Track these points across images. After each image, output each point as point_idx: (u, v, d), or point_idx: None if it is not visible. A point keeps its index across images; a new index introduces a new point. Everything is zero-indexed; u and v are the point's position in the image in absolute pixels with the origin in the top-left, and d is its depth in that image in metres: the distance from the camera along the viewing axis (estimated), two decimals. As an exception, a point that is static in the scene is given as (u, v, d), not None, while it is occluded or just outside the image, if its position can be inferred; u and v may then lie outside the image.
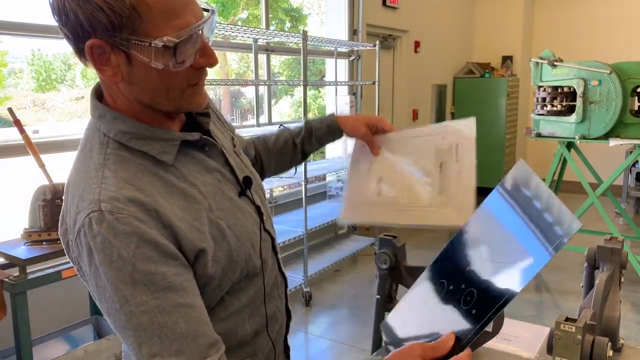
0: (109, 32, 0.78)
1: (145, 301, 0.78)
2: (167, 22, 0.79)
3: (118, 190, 0.80)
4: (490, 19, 7.73)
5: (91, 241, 0.78)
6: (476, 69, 7.39)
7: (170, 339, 0.78)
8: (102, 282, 0.79)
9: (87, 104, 0.93)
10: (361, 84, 5.04)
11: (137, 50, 0.79)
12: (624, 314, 1.32)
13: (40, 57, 4.10)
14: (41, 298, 2.74)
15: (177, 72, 0.83)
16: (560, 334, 0.97)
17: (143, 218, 0.79)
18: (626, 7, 7.10)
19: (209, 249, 0.86)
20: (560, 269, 4.54)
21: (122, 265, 0.77)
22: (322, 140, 1.34)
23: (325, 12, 5.49)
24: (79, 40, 0.80)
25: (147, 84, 0.83)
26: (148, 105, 0.86)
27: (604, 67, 3.69)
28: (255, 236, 0.98)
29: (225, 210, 0.92)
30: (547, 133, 3.98)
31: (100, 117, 0.87)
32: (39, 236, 2.40)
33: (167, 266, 0.80)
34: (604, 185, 3.87)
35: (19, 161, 2.73)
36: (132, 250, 0.77)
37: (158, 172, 0.86)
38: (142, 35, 0.78)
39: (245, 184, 0.99)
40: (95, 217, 0.78)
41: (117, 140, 0.86)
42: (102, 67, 0.82)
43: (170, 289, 0.79)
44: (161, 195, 0.83)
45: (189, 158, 0.91)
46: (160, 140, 0.87)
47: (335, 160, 4.93)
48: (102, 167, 0.83)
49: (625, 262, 1.30)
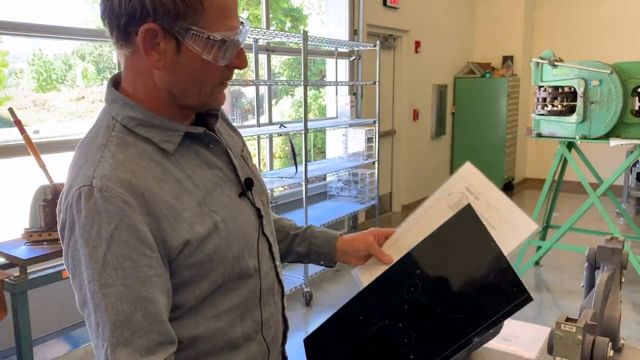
0: (170, 19, 0.82)
1: (110, 284, 0.80)
2: (222, 20, 0.85)
3: (112, 170, 0.82)
4: (490, 19, 7.73)
5: (76, 215, 0.81)
6: (477, 69, 7.39)
7: (124, 327, 0.80)
8: (77, 256, 0.82)
9: (87, 105, 0.94)
10: (362, 84, 5.04)
11: (193, 41, 0.83)
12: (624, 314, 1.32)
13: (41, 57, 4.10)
14: (42, 298, 2.74)
15: (215, 68, 0.87)
16: (560, 334, 0.97)
17: (130, 201, 0.81)
18: (627, 7, 7.10)
19: (195, 240, 0.87)
20: (561, 269, 4.54)
21: (98, 244, 0.80)
22: (313, 247, 1.23)
23: (326, 12, 5.49)
24: (132, 22, 0.82)
25: (187, 74, 0.87)
26: (177, 95, 0.90)
27: (604, 67, 3.68)
28: (251, 236, 0.98)
29: (221, 205, 0.93)
30: (547, 133, 3.98)
31: (113, 101, 0.91)
32: (40, 236, 2.40)
33: (140, 255, 0.81)
34: (604, 185, 3.87)
35: (20, 161, 2.73)
36: (111, 231, 0.80)
37: (157, 158, 0.88)
38: (201, 27, 0.83)
39: (246, 185, 1.00)
40: (85, 191, 0.81)
41: (124, 124, 0.89)
42: (149, 52, 0.84)
43: (137, 278, 0.81)
44: (155, 181, 0.85)
45: (190, 152, 0.93)
46: (165, 130, 0.90)
47: (336, 160, 4.94)
48: (103, 148, 0.86)
49: (625, 262, 1.30)
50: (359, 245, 1.21)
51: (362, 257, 1.21)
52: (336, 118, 5.15)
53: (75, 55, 4.47)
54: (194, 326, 0.92)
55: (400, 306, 0.99)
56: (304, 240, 1.24)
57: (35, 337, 2.49)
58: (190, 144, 0.93)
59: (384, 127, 5.88)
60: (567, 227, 3.97)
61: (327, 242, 1.23)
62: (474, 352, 1.30)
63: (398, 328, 0.98)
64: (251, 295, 0.98)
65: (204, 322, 0.92)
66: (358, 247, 1.21)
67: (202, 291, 0.91)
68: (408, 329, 0.96)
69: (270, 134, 4.05)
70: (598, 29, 7.29)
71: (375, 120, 4.74)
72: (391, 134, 6.32)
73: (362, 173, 4.78)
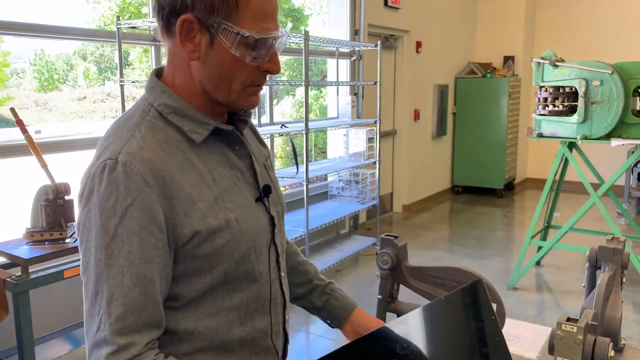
0: (206, 12, 0.86)
1: (115, 256, 0.83)
2: (255, 21, 0.88)
3: (139, 149, 0.87)
4: (491, 19, 7.73)
5: (96, 185, 0.85)
6: (478, 69, 7.39)
7: (119, 301, 0.83)
8: (89, 224, 0.85)
9: (88, 105, 0.96)
10: (363, 84, 5.04)
11: (224, 35, 0.88)
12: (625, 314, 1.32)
13: (42, 57, 4.10)
14: (43, 298, 2.75)
15: (245, 67, 0.91)
16: (561, 334, 0.97)
17: (149, 181, 0.85)
18: (628, 7, 7.10)
19: (205, 232, 0.89)
20: (562, 269, 4.53)
21: (111, 215, 0.83)
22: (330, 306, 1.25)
23: (327, 12, 5.49)
24: (173, 13, 0.88)
25: (218, 68, 0.91)
26: (209, 90, 0.93)
27: (605, 67, 3.68)
28: (261, 241, 0.98)
29: (236, 204, 0.95)
30: (548, 133, 3.98)
31: (152, 89, 0.95)
32: (41, 236, 2.40)
33: (149, 234, 0.85)
34: (605, 186, 3.87)
35: (21, 161, 2.74)
36: (126, 206, 0.83)
37: (183, 147, 0.92)
38: (233, 23, 0.87)
39: (264, 191, 1.02)
40: (109, 164, 0.85)
41: (159, 111, 0.93)
42: (185, 43, 0.89)
43: (141, 256, 0.84)
44: (177, 168, 0.89)
45: (216, 149, 0.96)
46: (196, 122, 0.93)
47: (337, 161, 4.94)
48: (134, 129, 0.90)
49: (626, 263, 1.30)
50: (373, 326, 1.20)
51: None
52: (337, 118, 5.15)
53: (76, 55, 4.48)
54: (192, 320, 0.93)
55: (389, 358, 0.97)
56: (323, 294, 1.26)
57: (37, 337, 2.49)
58: (217, 142, 0.97)
59: (384, 127, 5.88)
60: (568, 227, 3.97)
61: (344, 308, 1.25)
62: None
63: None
64: (253, 300, 0.98)
65: (202, 318, 0.93)
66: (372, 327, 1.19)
67: (204, 285, 0.92)
68: None
69: (271, 134, 4.05)
70: (599, 29, 7.29)
71: (376, 120, 4.74)
72: (392, 134, 6.32)
73: (363, 173, 4.78)
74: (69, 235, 2.45)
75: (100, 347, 0.82)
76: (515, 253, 4.95)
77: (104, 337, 0.82)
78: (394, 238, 1.35)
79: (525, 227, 5.39)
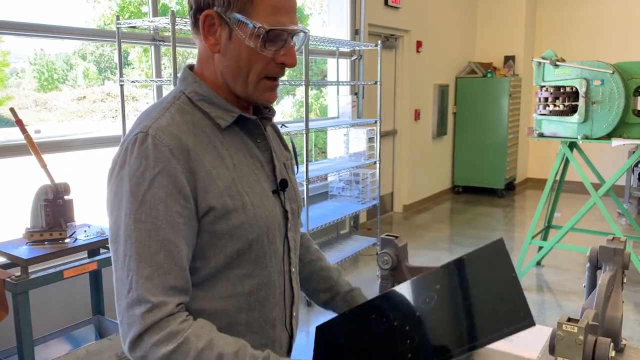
0: (224, 7, 0.94)
1: (143, 220, 0.88)
2: (269, 15, 0.94)
3: (167, 126, 0.93)
4: (492, 19, 7.72)
5: (128, 155, 0.91)
6: (478, 69, 7.39)
7: (147, 263, 0.88)
8: (120, 191, 0.91)
9: (88, 105, 0.98)
10: (363, 83, 5.04)
11: (240, 28, 0.94)
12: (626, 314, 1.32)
13: (42, 56, 4.10)
14: (43, 298, 2.75)
15: (260, 58, 0.96)
16: (562, 335, 0.96)
17: (176, 154, 0.91)
18: (628, 6, 7.09)
19: (220, 209, 0.94)
20: (563, 270, 4.53)
21: (140, 182, 0.89)
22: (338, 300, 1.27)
23: (327, 12, 5.49)
24: (198, 10, 0.96)
25: (235, 60, 0.97)
26: (228, 82, 1.00)
27: (606, 67, 3.68)
28: (274, 228, 1.02)
29: (252, 190, 0.99)
30: (549, 133, 3.98)
31: (184, 79, 1.03)
32: (41, 236, 2.40)
33: (175, 202, 0.90)
34: (606, 186, 3.87)
35: (21, 161, 2.73)
36: (155, 174, 0.89)
37: (207, 131, 0.98)
38: (248, 16, 0.93)
39: (281, 185, 1.06)
40: (140, 137, 0.91)
41: (189, 97, 1.00)
42: (207, 36, 0.97)
43: (167, 222, 0.89)
44: (200, 147, 0.95)
45: (238, 138, 1.02)
46: (223, 109, 1.00)
47: (337, 160, 4.93)
48: (165, 109, 0.97)
49: (627, 263, 1.29)
50: None
51: None
52: (337, 118, 5.15)
53: (76, 55, 4.48)
54: (203, 301, 0.96)
55: (412, 312, 1.04)
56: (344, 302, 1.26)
57: (37, 337, 2.49)
58: (240, 132, 1.03)
59: (385, 127, 5.87)
60: (569, 228, 3.97)
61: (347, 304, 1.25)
62: (475, 352, 1.30)
63: (405, 330, 1.02)
64: (262, 288, 1.01)
65: (213, 299, 0.97)
66: None
67: (218, 263, 0.96)
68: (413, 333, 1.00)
69: (271, 134, 4.03)
70: (600, 28, 7.28)
71: (376, 120, 4.74)
72: (392, 134, 6.32)
73: (364, 173, 4.78)
74: (69, 235, 2.45)
75: (133, 307, 0.86)
76: (515, 253, 4.95)
77: (138, 296, 0.86)
78: (395, 238, 1.34)
79: (526, 227, 5.38)
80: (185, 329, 0.87)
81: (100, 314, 2.77)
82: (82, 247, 2.41)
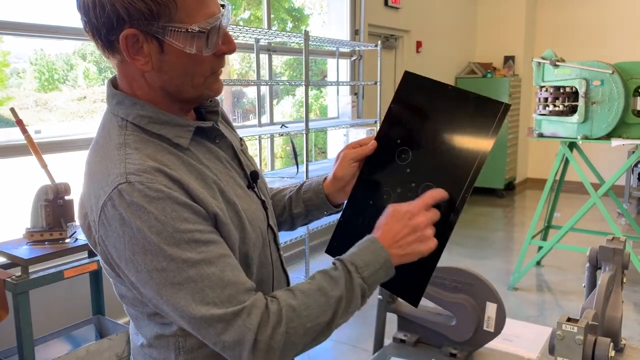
0: (146, 21, 0.82)
1: (191, 257, 0.80)
2: (198, 10, 0.84)
3: (143, 162, 0.83)
4: (492, 19, 7.72)
5: (124, 210, 0.79)
6: (478, 69, 7.39)
7: (221, 286, 0.82)
8: (140, 247, 0.80)
9: (89, 105, 0.95)
10: (363, 84, 5.04)
11: (173, 37, 0.84)
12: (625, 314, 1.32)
13: (42, 57, 4.10)
14: (43, 298, 2.75)
15: (203, 59, 0.87)
16: (562, 334, 0.97)
17: (171, 186, 0.82)
18: (628, 6, 7.09)
19: (222, 225, 0.88)
20: (562, 269, 4.53)
21: (162, 229, 0.79)
22: (307, 203, 1.18)
23: (327, 12, 5.49)
24: (111, 32, 0.83)
25: (176, 70, 0.87)
26: (172, 93, 0.90)
27: (606, 67, 3.68)
28: (263, 225, 1.00)
29: (238, 196, 0.95)
30: (549, 133, 3.98)
31: (119, 103, 0.90)
32: (41, 236, 2.40)
33: (203, 225, 0.83)
34: (606, 186, 3.87)
35: (21, 161, 2.74)
36: (169, 213, 0.80)
37: (176, 152, 0.89)
38: (178, 22, 0.83)
39: (252, 178, 1.02)
40: (124, 188, 0.80)
41: (136, 123, 0.89)
42: (135, 57, 0.85)
43: (211, 242, 0.83)
44: (182, 172, 0.87)
45: (201, 147, 0.95)
46: (176, 126, 0.90)
47: (337, 161, 4.93)
48: (123, 146, 0.86)
49: (627, 263, 1.30)
50: (341, 171, 1.12)
51: (354, 176, 1.13)
52: (337, 118, 5.15)
53: (76, 55, 4.48)
54: None
55: (403, 172, 1.05)
56: (298, 200, 1.19)
57: (37, 337, 2.49)
58: (199, 140, 0.95)
59: (385, 127, 5.86)
60: (569, 228, 3.97)
61: (316, 193, 1.17)
62: (475, 352, 1.30)
63: (413, 187, 1.03)
64: (262, 285, 1.00)
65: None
66: (343, 173, 1.11)
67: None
68: (426, 183, 1.01)
69: (271, 134, 4.04)
70: (600, 28, 7.28)
71: (376, 120, 4.74)
72: (392, 134, 6.31)
73: (364, 173, 4.77)
74: (69, 235, 2.45)
75: (232, 325, 0.81)
76: (515, 253, 4.95)
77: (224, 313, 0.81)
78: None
79: (526, 227, 5.38)
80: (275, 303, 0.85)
81: (100, 314, 2.77)
82: (82, 247, 2.42)
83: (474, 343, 1.28)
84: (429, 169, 1.02)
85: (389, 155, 1.08)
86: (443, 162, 1.01)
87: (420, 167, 1.03)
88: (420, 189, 1.02)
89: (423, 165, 1.03)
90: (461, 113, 1.01)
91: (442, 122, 1.03)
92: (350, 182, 1.12)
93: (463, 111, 1.01)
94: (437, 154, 1.02)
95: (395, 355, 1.33)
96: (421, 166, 1.03)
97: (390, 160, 1.07)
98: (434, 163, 1.02)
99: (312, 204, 1.17)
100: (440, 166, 1.01)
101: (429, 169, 1.02)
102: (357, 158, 1.11)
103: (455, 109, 1.02)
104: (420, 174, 1.03)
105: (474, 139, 0.99)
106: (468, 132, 1.00)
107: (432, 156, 1.02)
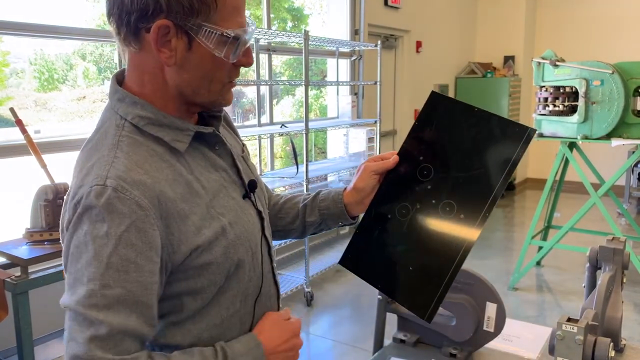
0: (184, 15, 0.82)
1: (111, 286, 0.77)
2: (234, 17, 0.86)
3: (127, 171, 0.81)
4: (492, 19, 7.72)
5: (85, 211, 0.79)
6: (478, 69, 7.39)
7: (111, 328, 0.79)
8: (78, 253, 0.79)
9: (88, 105, 0.94)
10: (363, 83, 5.04)
11: (205, 37, 0.84)
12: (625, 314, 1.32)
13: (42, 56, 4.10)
14: (43, 298, 2.74)
15: (224, 65, 0.88)
16: (562, 335, 0.97)
17: (144, 204, 0.80)
18: (628, 6, 7.09)
19: (203, 244, 0.87)
20: (562, 270, 4.53)
21: (104, 243, 0.78)
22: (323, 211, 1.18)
23: (327, 12, 5.49)
24: (143, 19, 0.82)
25: (197, 71, 0.87)
26: (187, 94, 0.89)
27: (606, 67, 3.68)
28: (254, 238, 0.98)
29: (227, 208, 0.93)
30: (549, 133, 3.98)
31: (120, 100, 0.89)
32: (41, 236, 2.40)
33: (146, 260, 0.80)
34: (606, 186, 3.87)
35: (21, 161, 2.73)
36: (120, 232, 0.78)
37: (168, 159, 0.88)
38: (214, 23, 0.84)
39: (250, 188, 1.00)
40: (97, 190, 0.79)
41: (134, 124, 0.87)
42: (161, 49, 0.84)
43: (139, 283, 0.79)
44: (167, 183, 0.85)
45: (198, 153, 0.93)
46: (176, 129, 0.89)
47: (337, 161, 4.93)
48: (115, 148, 0.84)
49: (627, 263, 1.30)
50: (362, 183, 1.12)
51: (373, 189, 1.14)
52: (337, 118, 5.15)
53: (76, 55, 4.48)
54: (197, 333, 0.91)
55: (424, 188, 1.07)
56: (313, 209, 1.19)
57: (37, 337, 2.49)
58: (197, 146, 0.93)
59: (385, 127, 5.87)
60: (569, 228, 3.97)
61: (334, 202, 1.16)
62: (475, 352, 1.30)
63: (433, 204, 1.05)
64: (252, 298, 0.98)
65: (208, 329, 0.92)
66: (364, 185, 1.12)
67: (208, 294, 0.90)
68: (447, 201, 1.03)
69: (271, 134, 4.04)
70: (599, 28, 7.28)
71: (376, 120, 4.74)
72: (392, 134, 6.31)
73: (363, 173, 4.77)
74: (69, 235, 2.44)
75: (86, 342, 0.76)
76: (515, 253, 4.95)
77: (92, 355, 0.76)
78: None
79: (526, 227, 5.38)
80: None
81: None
82: (82, 247, 2.41)
83: (474, 343, 1.28)
84: (450, 187, 1.04)
85: (411, 171, 1.09)
86: (465, 181, 1.03)
87: (442, 185, 1.05)
88: (440, 207, 1.04)
89: (444, 183, 1.05)
90: (485, 135, 1.04)
91: (466, 142, 1.05)
92: (370, 195, 1.13)
93: (487, 133, 1.03)
94: (460, 173, 1.04)
95: (395, 355, 1.33)
96: (442, 184, 1.05)
97: (412, 176, 1.09)
98: (456, 182, 1.04)
99: (329, 213, 1.17)
100: (462, 185, 1.03)
101: (451, 187, 1.04)
102: (379, 171, 1.12)
103: (480, 131, 1.04)
104: (441, 192, 1.05)
105: (497, 162, 1.01)
106: (491, 154, 1.02)
107: (455, 175, 1.04)
